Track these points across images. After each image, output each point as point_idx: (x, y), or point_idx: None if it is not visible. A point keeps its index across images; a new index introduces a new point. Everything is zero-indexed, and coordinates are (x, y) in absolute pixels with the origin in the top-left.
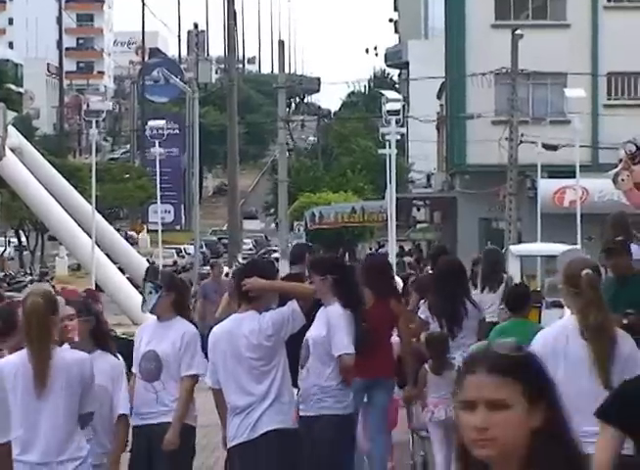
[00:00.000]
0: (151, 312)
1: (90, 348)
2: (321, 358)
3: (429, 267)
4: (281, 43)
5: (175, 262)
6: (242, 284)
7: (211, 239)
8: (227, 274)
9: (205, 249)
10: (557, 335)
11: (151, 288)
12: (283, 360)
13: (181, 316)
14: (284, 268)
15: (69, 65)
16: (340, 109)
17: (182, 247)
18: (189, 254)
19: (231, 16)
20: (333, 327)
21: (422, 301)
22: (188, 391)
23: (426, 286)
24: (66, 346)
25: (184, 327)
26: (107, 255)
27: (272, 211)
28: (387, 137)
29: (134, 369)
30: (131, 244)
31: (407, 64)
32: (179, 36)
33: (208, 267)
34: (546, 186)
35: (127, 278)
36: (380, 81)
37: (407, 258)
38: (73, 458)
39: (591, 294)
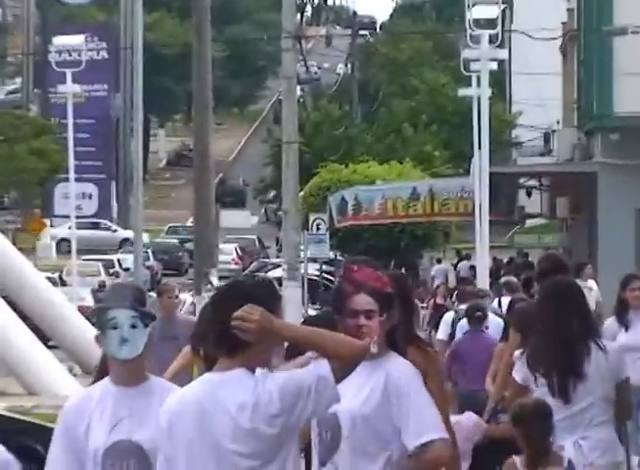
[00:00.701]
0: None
1: None
2: (365, 449)
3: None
4: None
5: (103, 285)
6: (219, 320)
7: (168, 243)
8: (192, 305)
9: (152, 261)
10: None
11: (133, 318)
12: (292, 460)
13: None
14: (292, 295)
15: None
16: (390, 17)
17: (115, 258)
18: (126, 269)
19: None
20: (404, 396)
21: (519, 352)
22: None
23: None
24: None
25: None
26: None
27: (272, 195)
28: (473, 68)
29: None
30: (21, 252)
31: None
32: None
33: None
34: None
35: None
36: None
37: (508, 279)
38: None
39: None
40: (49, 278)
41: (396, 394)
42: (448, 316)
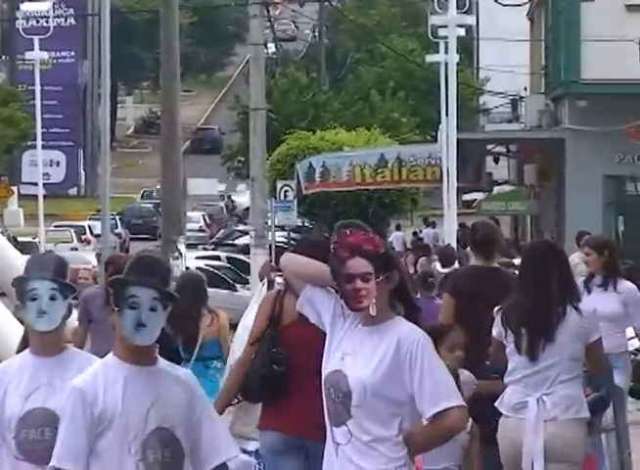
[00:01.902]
0: (46, 331)
1: None
2: (377, 416)
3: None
4: None
5: (75, 249)
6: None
7: (142, 207)
8: None
9: (120, 228)
10: None
11: (53, 290)
12: None
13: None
14: (258, 261)
15: None
16: None
17: (86, 224)
18: (97, 236)
19: None
20: (418, 363)
21: (497, 307)
22: None
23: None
24: None
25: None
26: None
27: (239, 161)
28: (441, 34)
29: None
30: None
31: None
32: None
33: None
34: None
35: None
36: None
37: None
38: None
39: None
40: (30, 243)
41: (409, 360)
42: None
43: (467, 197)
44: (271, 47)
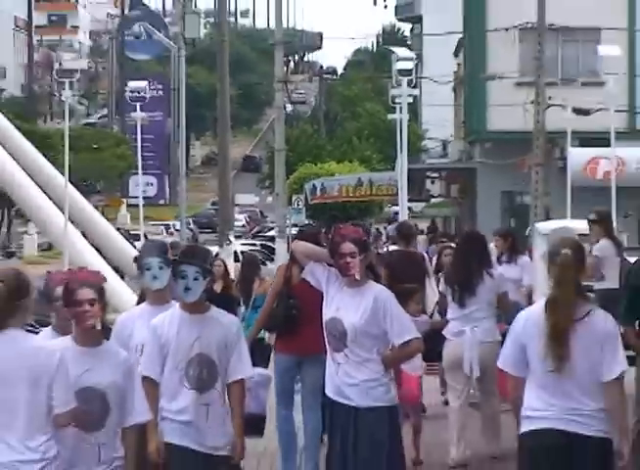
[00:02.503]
0: (156, 289)
1: (99, 339)
2: (363, 345)
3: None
4: None
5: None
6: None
7: (208, 212)
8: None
9: (192, 225)
10: (534, 313)
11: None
12: None
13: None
14: (281, 249)
15: (40, 18)
16: (344, 69)
17: (171, 223)
18: (177, 230)
19: None
20: (388, 310)
21: (441, 273)
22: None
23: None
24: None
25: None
26: (82, 234)
27: (268, 183)
28: (397, 100)
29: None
30: (108, 220)
31: (420, 18)
32: None
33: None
34: (577, 155)
35: (107, 261)
36: (390, 37)
37: (421, 237)
38: (35, 460)
39: (560, 272)
40: (137, 234)
41: (383, 308)
42: None
43: (410, 204)
44: (289, 107)
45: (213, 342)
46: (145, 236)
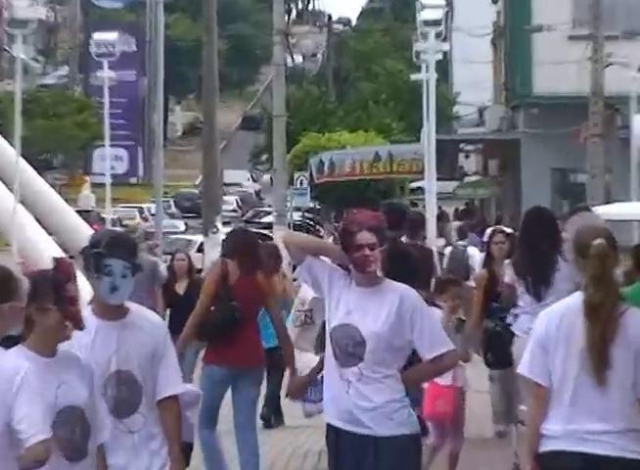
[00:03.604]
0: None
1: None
2: (384, 358)
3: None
4: None
5: (125, 226)
6: None
7: (191, 192)
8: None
9: (173, 208)
10: (562, 315)
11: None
12: None
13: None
14: (279, 235)
15: None
16: (358, 18)
17: (145, 206)
18: (153, 215)
19: None
20: (418, 316)
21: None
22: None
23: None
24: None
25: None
26: (36, 219)
27: (264, 157)
28: (423, 57)
29: None
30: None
31: None
32: None
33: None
34: None
35: (64, 251)
36: None
37: (455, 224)
38: None
39: (598, 267)
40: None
41: (411, 313)
42: None
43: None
44: (290, 65)
45: (134, 354)
46: (120, 222)
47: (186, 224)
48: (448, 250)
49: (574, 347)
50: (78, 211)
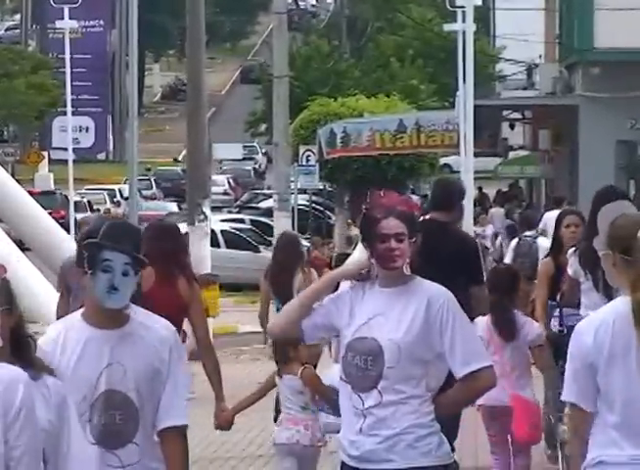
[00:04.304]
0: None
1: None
2: (408, 376)
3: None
4: None
5: (108, 212)
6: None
7: (172, 171)
8: (185, 234)
9: (155, 189)
10: (613, 325)
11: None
12: None
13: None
14: (282, 227)
15: None
16: None
17: (117, 188)
18: (127, 198)
19: None
20: (449, 324)
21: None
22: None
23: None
24: None
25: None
26: None
27: (263, 128)
28: (459, 3)
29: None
30: (19, 183)
31: None
32: None
33: None
34: None
35: (20, 247)
36: None
37: (494, 210)
38: None
39: None
40: (79, 201)
41: (440, 321)
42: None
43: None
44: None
45: (132, 372)
46: (90, 206)
47: (179, 207)
48: (498, 242)
49: (636, 362)
50: (36, 193)
